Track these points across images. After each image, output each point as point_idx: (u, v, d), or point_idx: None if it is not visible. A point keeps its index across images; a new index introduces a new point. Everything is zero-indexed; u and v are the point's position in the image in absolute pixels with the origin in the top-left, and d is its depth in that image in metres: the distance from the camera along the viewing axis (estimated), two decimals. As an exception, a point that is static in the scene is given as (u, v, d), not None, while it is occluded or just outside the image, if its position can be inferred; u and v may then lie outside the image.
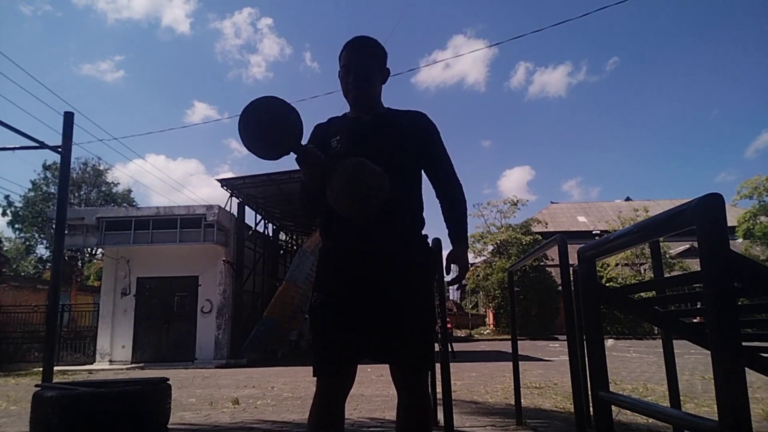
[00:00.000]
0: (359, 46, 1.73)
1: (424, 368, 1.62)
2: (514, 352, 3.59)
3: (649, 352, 11.82)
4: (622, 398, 1.24)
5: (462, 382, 6.27)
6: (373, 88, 1.75)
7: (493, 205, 27.89)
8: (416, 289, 1.62)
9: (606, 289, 1.63)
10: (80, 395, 2.82)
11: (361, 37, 1.75)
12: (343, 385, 1.59)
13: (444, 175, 1.80)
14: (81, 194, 35.13)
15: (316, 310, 1.61)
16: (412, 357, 1.58)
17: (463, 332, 27.15)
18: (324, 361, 1.57)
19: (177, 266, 13.50)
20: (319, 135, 1.77)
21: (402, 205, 1.65)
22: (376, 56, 1.75)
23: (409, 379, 1.62)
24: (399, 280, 1.59)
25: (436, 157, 1.78)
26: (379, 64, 1.76)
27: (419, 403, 1.61)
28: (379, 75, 1.77)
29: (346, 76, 1.72)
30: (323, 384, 1.57)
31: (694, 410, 3.86)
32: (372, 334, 1.56)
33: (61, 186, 5.34)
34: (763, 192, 22.77)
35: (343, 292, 1.58)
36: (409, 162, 1.71)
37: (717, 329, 0.82)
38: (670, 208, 0.98)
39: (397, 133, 1.70)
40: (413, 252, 1.66)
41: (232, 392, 5.93)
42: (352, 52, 1.72)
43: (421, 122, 1.77)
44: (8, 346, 14.59)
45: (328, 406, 1.56)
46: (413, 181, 1.74)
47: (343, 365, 1.57)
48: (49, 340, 4.81)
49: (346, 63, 1.72)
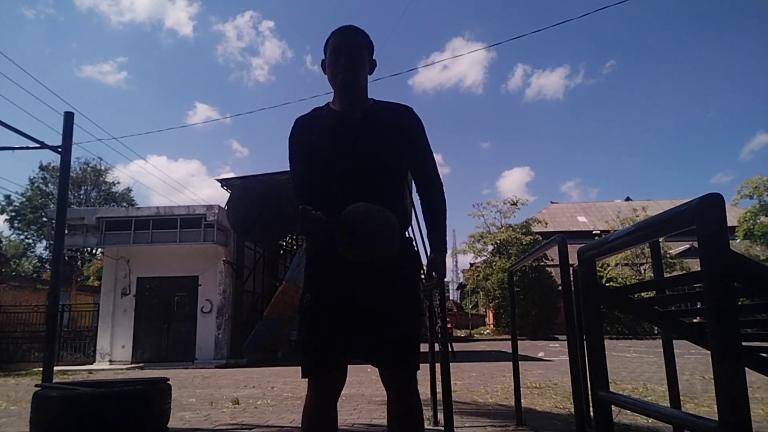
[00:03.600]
0: (350, 32, 1.70)
1: (409, 369, 1.59)
2: (514, 352, 3.59)
3: (649, 352, 11.82)
4: (622, 398, 1.23)
5: (462, 382, 6.27)
6: (363, 72, 1.71)
7: (492, 205, 27.91)
8: (402, 289, 1.61)
9: (606, 289, 1.63)
10: (80, 395, 2.82)
11: (350, 25, 1.72)
12: (335, 385, 1.59)
13: (425, 170, 1.77)
14: (80, 194, 35.14)
15: (307, 311, 1.60)
16: (397, 358, 1.57)
17: (463, 332, 27.15)
18: (314, 362, 1.56)
19: (177, 266, 13.50)
20: (304, 131, 1.72)
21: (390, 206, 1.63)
22: (366, 44, 1.72)
23: (397, 381, 1.60)
24: (386, 281, 1.58)
25: (419, 152, 1.75)
26: (369, 52, 1.74)
27: (408, 404, 1.60)
28: (368, 63, 1.73)
29: (337, 58, 1.67)
30: (315, 385, 1.56)
31: (694, 410, 3.86)
32: (360, 334, 1.55)
33: (61, 186, 5.33)
34: (763, 192, 22.76)
35: (333, 293, 1.57)
36: (397, 162, 1.70)
37: (717, 329, 0.82)
38: (670, 208, 0.97)
39: (385, 133, 1.67)
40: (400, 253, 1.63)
41: (232, 392, 5.93)
42: (343, 37, 1.69)
43: (407, 117, 1.74)
44: (8, 346, 14.58)
45: (321, 406, 1.56)
46: (400, 182, 1.73)
47: (333, 366, 1.56)
48: (49, 340, 4.80)
49: (337, 46, 1.67)
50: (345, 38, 1.68)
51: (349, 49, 1.66)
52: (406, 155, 1.72)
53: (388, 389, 1.63)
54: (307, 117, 1.76)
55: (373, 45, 1.75)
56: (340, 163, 1.63)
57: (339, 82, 1.68)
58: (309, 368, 1.56)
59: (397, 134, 1.68)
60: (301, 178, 1.69)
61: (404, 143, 1.70)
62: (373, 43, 1.75)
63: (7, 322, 15.25)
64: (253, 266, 15.35)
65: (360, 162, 1.63)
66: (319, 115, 1.74)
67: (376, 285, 1.57)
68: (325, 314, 1.55)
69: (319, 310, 1.57)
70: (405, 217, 1.70)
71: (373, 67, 1.77)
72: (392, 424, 1.62)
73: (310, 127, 1.72)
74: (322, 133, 1.67)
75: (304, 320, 1.61)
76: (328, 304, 1.57)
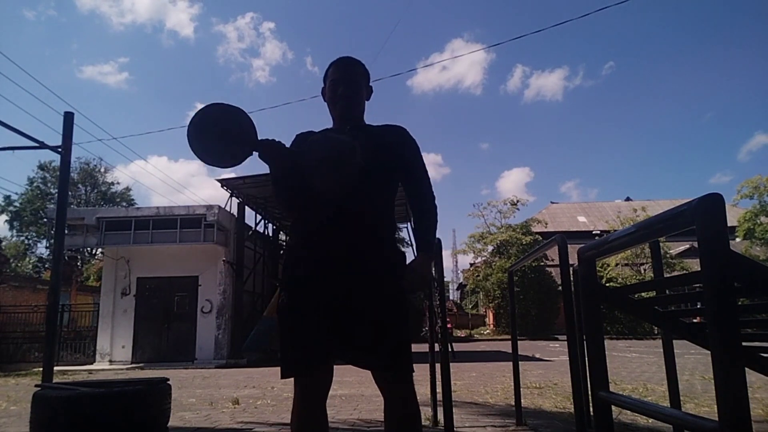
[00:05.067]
0: (348, 63, 1.81)
1: (401, 371, 1.57)
2: (514, 352, 3.59)
3: (649, 352, 11.82)
4: (622, 398, 1.23)
5: (462, 382, 6.27)
6: (361, 101, 1.81)
7: (493, 206, 27.92)
8: (387, 291, 1.60)
9: (606, 289, 1.63)
10: (80, 395, 2.82)
11: (348, 56, 1.83)
12: (320, 385, 1.58)
13: (419, 189, 1.78)
14: (79, 194, 35.15)
15: (282, 311, 1.59)
16: (386, 360, 1.55)
17: (463, 332, 27.15)
18: (291, 361, 1.55)
19: (177, 266, 13.50)
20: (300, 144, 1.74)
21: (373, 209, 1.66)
22: (362, 74, 1.83)
23: (390, 384, 1.59)
24: (369, 281, 1.57)
25: (413, 171, 1.78)
26: (365, 81, 1.85)
27: (404, 410, 1.57)
28: (365, 90, 1.84)
29: (335, 88, 1.76)
30: (300, 385, 1.56)
31: (694, 410, 3.86)
32: (342, 335, 1.54)
33: (61, 186, 5.33)
34: (763, 192, 22.76)
35: (310, 293, 1.57)
36: (385, 171, 1.71)
37: (717, 329, 0.82)
38: (670, 208, 0.97)
39: (374, 142, 1.69)
40: (384, 254, 1.64)
41: (232, 392, 5.92)
42: (341, 68, 1.79)
43: (399, 135, 1.79)
44: (8, 346, 14.58)
45: (307, 406, 1.55)
46: (387, 189, 1.75)
47: (312, 365, 1.54)
48: (49, 340, 4.80)
49: (336, 77, 1.78)
50: (343, 70, 1.79)
51: (347, 79, 1.77)
52: (396, 169, 1.76)
53: (383, 393, 1.61)
54: (304, 133, 1.80)
55: (368, 73, 1.86)
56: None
57: (338, 110, 1.77)
58: (284, 367, 1.56)
59: (387, 146, 1.73)
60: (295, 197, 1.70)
61: (395, 156, 1.74)
62: (368, 72, 1.86)
63: (7, 322, 15.25)
64: (253, 266, 15.35)
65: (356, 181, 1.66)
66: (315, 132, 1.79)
67: (361, 286, 1.57)
68: (301, 313, 1.54)
69: (295, 309, 1.56)
70: (390, 222, 1.75)
71: (370, 93, 1.88)
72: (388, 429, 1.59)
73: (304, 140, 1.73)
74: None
75: (281, 320, 1.60)
76: (303, 303, 1.56)
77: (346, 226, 1.60)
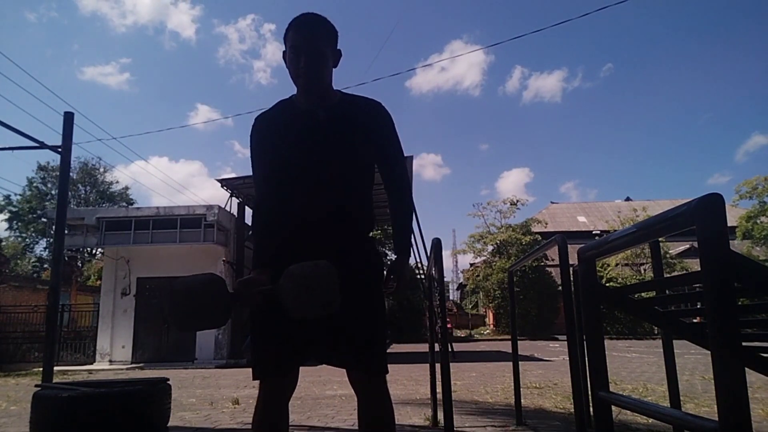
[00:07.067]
0: (310, 25, 1.55)
1: (374, 369, 1.52)
2: (514, 352, 3.59)
3: (649, 352, 11.82)
4: (622, 398, 1.23)
5: (462, 382, 6.27)
6: (327, 72, 1.58)
7: (492, 206, 27.95)
8: (363, 290, 1.54)
9: (606, 289, 1.63)
10: (80, 395, 2.82)
11: (310, 14, 1.57)
12: (285, 387, 1.54)
13: (396, 169, 1.68)
14: (79, 194, 35.16)
15: (254, 313, 1.53)
16: (359, 357, 1.51)
17: (463, 332, 27.17)
18: (263, 363, 1.51)
19: (177, 266, 13.46)
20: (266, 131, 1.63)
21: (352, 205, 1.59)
22: (328, 36, 1.58)
23: (363, 383, 1.54)
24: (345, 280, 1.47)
25: (389, 150, 1.67)
26: (332, 44, 1.60)
27: (378, 410, 1.53)
28: (332, 57, 1.60)
29: (296, 59, 1.54)
30: (264, 385, 1.52)
31: (694, 410, 3.86)
32: (315, 335, 1.49)
33: (61, 186, 5.33)
34: (762, 192, 22.77)
35: None
36: (367, 162, 1.63)
37: (717, 329, 0.82)
38: (670, 208, 0.97)
39: (352, 130, 1.58)
40: (361, 253, 1.59)
41: (232, 392, 5.92)
42: (302, 32, 1.54)
43: (376, 112, 1.65)
44: (8, 346, 14.55)
45: (269, 407, 1.51)
46: (369, 182, 1.66)
47: (283, 367, 1.51)
48: (49, 340, 4.80)
49: (296, 43, 1.54)
50: (305, 34, 1.54)
51: (309, 48, 1.53)
52: (375, 153, 1.65)
53: (356, 393, 1.55)
54: (269, 115, 1.65)
55: (336, 33, 1.61)
56: (306, 167, 1.56)
57: (300, 85, 1.59)
58: (256, 369, 1.51)
59: (365, 131, 1.60)
60: (265, 184, 1.60)
61: (373, 141, 1.62)
62: (336, 31, 1.61)
63: (7, 322, 15.22)
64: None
65: (327, 166, 1.56)
66: (282, 111, 1.64)
67: None
68: (273, 315, 1.46)
69: (267, 309, 1.47)
70: (368, 218, 1.65)
71: (338, 57, 1.64)
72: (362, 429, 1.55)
73: (272, 127, 1.62)
74: (285, 135, 1.58)
75: (252, 321, 1.56)
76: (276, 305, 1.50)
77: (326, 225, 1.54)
